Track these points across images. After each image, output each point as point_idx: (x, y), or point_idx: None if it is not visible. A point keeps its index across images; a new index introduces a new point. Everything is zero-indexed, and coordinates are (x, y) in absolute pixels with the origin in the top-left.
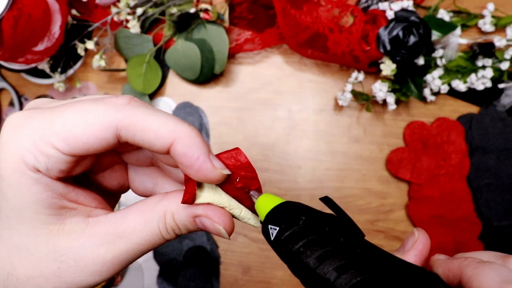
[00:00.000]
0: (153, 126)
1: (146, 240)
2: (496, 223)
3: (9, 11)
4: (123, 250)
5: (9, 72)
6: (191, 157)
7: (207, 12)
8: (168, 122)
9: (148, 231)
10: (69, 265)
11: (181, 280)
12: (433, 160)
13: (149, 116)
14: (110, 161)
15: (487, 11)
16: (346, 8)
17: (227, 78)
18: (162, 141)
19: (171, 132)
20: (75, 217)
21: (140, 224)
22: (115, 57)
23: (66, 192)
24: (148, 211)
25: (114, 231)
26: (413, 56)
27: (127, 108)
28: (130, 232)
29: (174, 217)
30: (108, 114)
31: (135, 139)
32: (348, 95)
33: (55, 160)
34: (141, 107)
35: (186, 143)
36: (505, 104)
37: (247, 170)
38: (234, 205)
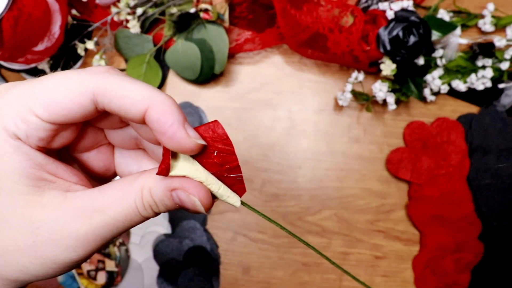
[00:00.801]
0: (129, 92)
1: (123, 216)
2: (496, 223)
3: (9, 11)
4: (99, 224)
5: (9, 72)
6: (165, 123)
7: (207, 12)
8: (143, 89)
9: (124, 206)
10: (44, 238)
11: (181, 280)
12: (433, 160)
13: (126, 83)
14: (95, 140)
15: (487, 11)
16: (346, 8)
17: (227, 78)
18: (137, 107)
19: (146, 99)
20: (54, 190)
21: (117, 198)
22: (115, 57)
23: (45, 163)
24: (126, 186)
25: (91, 205)
26: (413, 56)
27: (104, 75)
28: (106, 206)
29: (151, 191)
30: (86, 80)
31: (111, 106)
32: (348, 95)
33: (34, 127)
34: (119, 75)
35: (160, 109)
36: (505, 104)
37: (224, 143)
38: (211, 181)
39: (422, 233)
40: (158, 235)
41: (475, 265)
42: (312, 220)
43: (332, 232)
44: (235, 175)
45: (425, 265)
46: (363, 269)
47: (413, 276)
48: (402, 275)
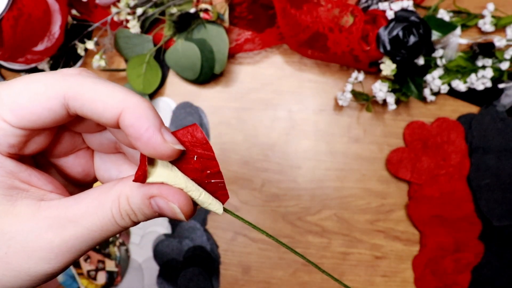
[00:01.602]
0: (101, 96)
1: (98, 226)
2: (496, 223)
3: (9, 11)
4: (72, 235)
5: (9, 72)
6: (139, 129)
7: (207, 12)
8: (116, 93)
9: (100, 215)
10: (16, 250)
11: (181, 280)
12: (433, 160)
13: (97, 86)
14: (72, 144)
15: (487, 11)
16: (346, 8)
17: (227, 78)
18: (110, 112)
19: (119, 102)
20: (26, 199)
21: (93, 208)
22: (115, 57)
23: (17, 170)
24: (102, 195)
25: (65, 215)
26: (413, 56)
27: (76, 78)
28: (81, 216)
29: (129, 200)
30: (56, 84)
31: (83, 110)
32: (348, 95)
33: (3, 133)
34: (91, 78)
35: (134, 113)
36: (505, 104)
37: (203, 147)
38: (192, 187)
39: (422, 233)
40: (158, 235)
41: (475, 265)
42: (312, 220)
43: (332, 232)
44: (216, 181)
45: (425, 265)
46: (363, 269)
47: (413, 276)
48: (402, 275)
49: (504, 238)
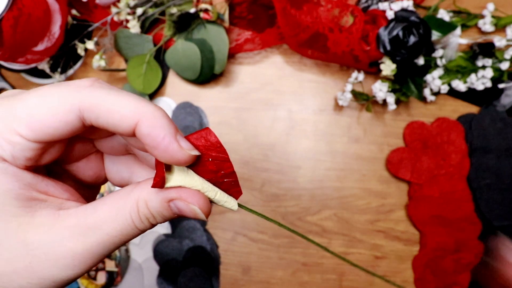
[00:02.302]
0: (116, 107)
1: (118, 231)
2: (496, 223)
3: (9, 11)
4: (94, 242)
5: (9, 72)
6: (156, 137)
7: (207, 12)
8: (131, 102)
9: (120, 221)
10: (40, 259)
11: (181, 280)
12: (433, 160)
13: (112, 96)
14: (84, 150)
15: (487, 11)
16: (346, 8)
17: (227, 78)
18: (127, 122)
19: (134, 113)
20: (45, 209)
21: (112, 214)
22: (115, 57)
23: (35, 182)
24: (121, 200)
25: (85, 223)
26: (413, 56)
27: (90, 90)
28: (101, 223)
29: (148, 204)
30: (70, 96)
31: (99, 121)
32: (348, 95)
33: (20, 148)
34: (104, 88)
35: (150, 123)
36: (505, 104)
37: (218, 150)
38: (208, 188)
39: (422, 233)
40: (158, 235)
41: (475, 265)
42: (312, 220)
43: (332, 232)
44: (230, 180)
45: (425, 265)
46: None
47: (413, 276)
48: (402, 275)
49: None
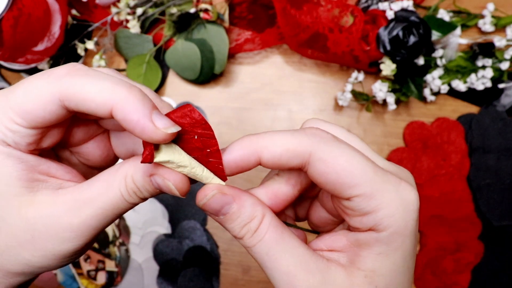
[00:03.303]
0: (91, 95)
1: (110, 204)
2: (496, 223)
3: (9, 11)
4: (89, 215)
5: (9, 72)
6: (131, 121)
7: (207, 12)
8: (105, 89)
9: (111, 195)
10: (41, 233)
11: (181, 280)
12: (433, 160)
13: (87, 85)
14: (89, 131)
15: (487, 11)
16: (346, 8)
17: (227, 78)
18: (102, 109)
19: (107, 100)
20: (46, 189)
21: (103, 189)
22: (115, 57)
23: (37, 164)
24: (111, 176)
25: (80, 198)
26: (413, 56)
27: (66, 79)
28: (94, 198)
29: (133, 179)
30: (50, 87)
31: (79, 109)
32: (348, 95)
33: (19, 135)
34: (81, 76)
35: (123, 108)
36: (505, 104)
37: (203, 127)
38: (195, 164)
39: (422, 233)
40: (158, 235)
41: (475, 265)
42: None
43: None
44: (215, 161)
45: (425, 265)
46: None
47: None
48: None
49: (504, 238)
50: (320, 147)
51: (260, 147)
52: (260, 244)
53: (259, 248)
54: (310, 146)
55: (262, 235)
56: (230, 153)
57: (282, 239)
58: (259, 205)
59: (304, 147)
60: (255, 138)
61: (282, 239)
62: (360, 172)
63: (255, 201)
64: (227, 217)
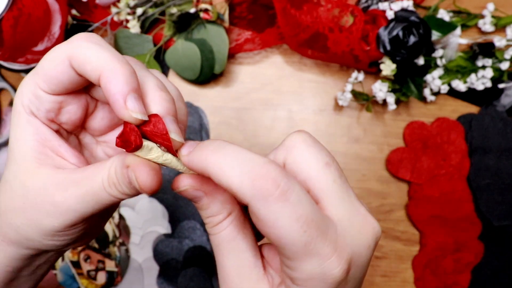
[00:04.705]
0: (89, 58)
1: (91, 191)
2: (496, 223)
3: (9, 11)
4: (71, 195)
5: (9, 72)
6: (108, 92)
7: (207, 12)
8: (101, 57)
9: (94, 181)
10: (31, 202)
11: (181, 280)
12: (433, 160)
13: (90, 49)
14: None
15: (487, 11)
16: (346, 8)
17: (227, 78)
18: (94, 74)
19: (100, 66)
20: (50, 165)
21: (90, 174)
22: None
23: (50, 139)
24: (101, 164)
25: (69, 178)
26: (413, 56)
27: (78, 43)
28: (80, 180)
29: (115, 169)
30: (62, 50)
31: (80, 70)
32: (348, 95)
33: (40, 101)
34: (89, 42)
35: (107, 77)
36: (505, 104)
37: (163, 138)
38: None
39: (422, 233)
40: (158, 235)
41: (475, 265)
42: None
43: None
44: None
45: (425, 265)
46: None
47: (413, 276)
48: (402, 275)
49: (504, 238)
50: (257, 204)
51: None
52: (215, 236)
53: (214, 239)
54: (249, 198)
55: (220, 230)
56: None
57: (233, 240)
58: (228, 203)
59: (243, 195)
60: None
61: (234, 239)
62: (290, 243)
63: (226, 198)
64: (197, 204)
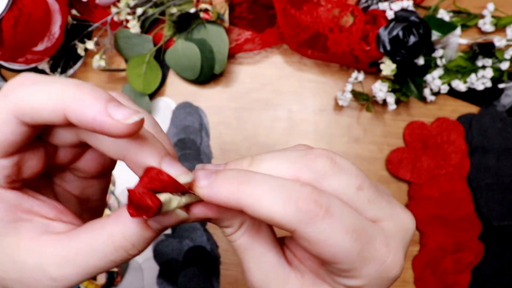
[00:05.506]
0: (41, 103)
1: (92, 266)
2: (496, 223)
3: (9, 11)
4: (70, 272)
5: (9, 72)
6: (87, 121)
7: (207, 12)
8: (53, 93)
9: (94, 257)
10: (27, 276)
11: (181, 280)
12: (433, 160)
13: (36, 93)
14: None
15: (487, 11)
16: (346, 8)
17: (227, 78)
18: (56, 116)
19: (58, 104)
20: (30, 231)
21: (86, 249)
22: (115, 57)
23: (19, 202)
24: (93, 238)
25: (62, 254)
26: (413, 56)
27: (16, 92)
28: (76, 257)
29: (125, 235)
30: (2, 106)
31: (35, 121)
32: (348, 95)
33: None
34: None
35: (75, 109)
36: (505, 104)
37: (175, 187)
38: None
39: (422, 233)
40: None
41: (475, 265)
42: None
43: None
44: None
45: (425, 265)
46: None
47: (413, 276)
48: (402, 275)
49: (504, 238)
50: (305, 228)
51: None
52: (233, 244)
53: (233, 246)
54: (295, 224)
55: (235, 239)
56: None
57: (251, 246)
58: (238, 216)
59: (289, 223)
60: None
61: (251, 246)
62: (345, 256)
63: (235, 214)
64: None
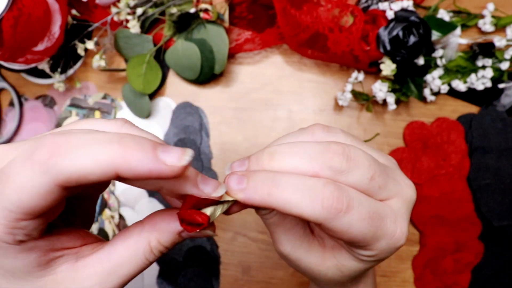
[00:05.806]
0: (88, 169)
1: (134, 271)
2: (496, 223)
3: (9, 11)
4: (115, 285)
5: (9, 72)
6: (144, 174)
7: (207, 12)
8: (99, 156)
9: (135, 262)
10: None
11: (181, 280)
12: (433, 160)
13: (78, 159)
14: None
15: (487, 11)
16: (346, 8)
17: (227, 78)
18: (107, 176)
19: (108, 166)
20: (64, 264)
21: (127, 257)
22: (115, 57)
23: (51, 246)
24: (132, 242)
25: (102, 270)
26: (413, 56)
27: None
28: (117, 267)
29: (161, 241)
30: (42, 179)
31: (82, 184)
32: (348, 95)
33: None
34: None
35: (128, 167)
36: (505, 104)
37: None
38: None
39: (422, 233)
40: None
41: (475, 265)
42: None
43: None
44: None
45: (425, 265)
46: None
47: (413, 276)
48: (402, 275)
49: (504, 238)
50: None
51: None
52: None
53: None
54: (322, 220)
55: (267, 218)
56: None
57: (282, 223)
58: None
59: (316, 219)
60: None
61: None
62: (362, 238)
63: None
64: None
